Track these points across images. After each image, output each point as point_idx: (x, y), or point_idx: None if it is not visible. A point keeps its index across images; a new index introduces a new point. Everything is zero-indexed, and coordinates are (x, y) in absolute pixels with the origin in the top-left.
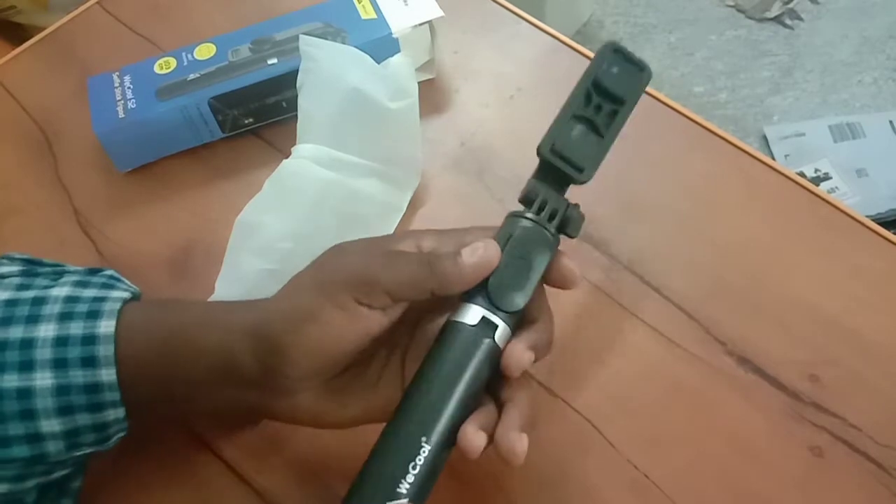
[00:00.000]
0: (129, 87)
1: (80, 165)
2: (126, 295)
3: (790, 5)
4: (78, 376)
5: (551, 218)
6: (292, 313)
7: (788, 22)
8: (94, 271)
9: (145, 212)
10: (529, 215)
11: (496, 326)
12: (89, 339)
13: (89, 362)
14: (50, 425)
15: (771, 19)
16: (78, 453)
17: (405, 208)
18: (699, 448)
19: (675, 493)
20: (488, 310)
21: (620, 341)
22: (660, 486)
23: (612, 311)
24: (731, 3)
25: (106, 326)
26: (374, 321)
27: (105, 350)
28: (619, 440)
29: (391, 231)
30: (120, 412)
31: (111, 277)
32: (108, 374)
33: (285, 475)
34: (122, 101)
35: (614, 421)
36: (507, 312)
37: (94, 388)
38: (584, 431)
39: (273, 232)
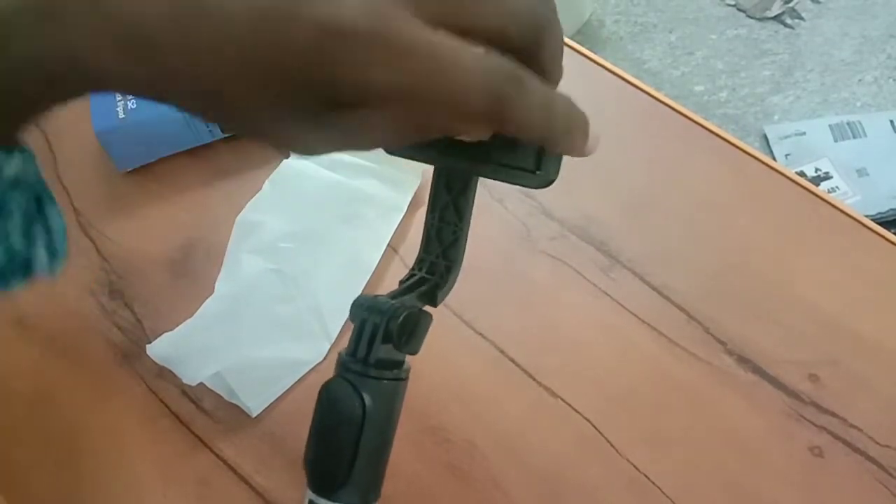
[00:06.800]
0: None
1: (80, 165)
2: None
3: (791, 4)
4: None
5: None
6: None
7: (789, 21)
8: None
9: (145, 212)
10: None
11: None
12: None
13: None
14: None
15: (771, 18)
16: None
17: (406, 208)
18: (699, 448)
19: (675, 493)
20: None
21: (620, 341)
22: (660, 486)
23: (612, 311)
24: (732, 2)
25: None
26: None
27: None
28: (619, 440)
29: (391, 232)
30: None
31: None
32: None
33: (285, 475)
34: (122, 101)
35: (614, 421)
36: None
37: None
38: (584, 431)
39: (273, 232)
